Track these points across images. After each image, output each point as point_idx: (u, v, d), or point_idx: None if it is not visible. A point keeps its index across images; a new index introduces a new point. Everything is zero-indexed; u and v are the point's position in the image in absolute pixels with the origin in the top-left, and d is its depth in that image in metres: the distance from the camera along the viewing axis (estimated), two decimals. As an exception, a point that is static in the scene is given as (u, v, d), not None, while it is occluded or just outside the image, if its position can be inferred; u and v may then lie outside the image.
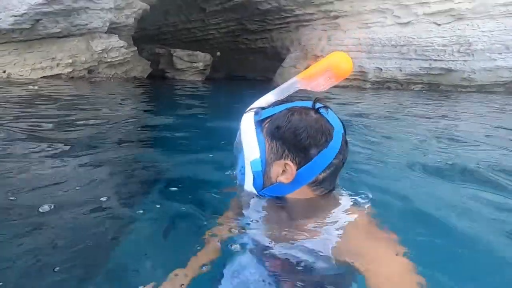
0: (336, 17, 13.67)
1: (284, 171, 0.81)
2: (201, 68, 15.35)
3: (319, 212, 0.83)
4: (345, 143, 0.82)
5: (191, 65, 15.14)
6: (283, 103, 0.87)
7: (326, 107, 0.83)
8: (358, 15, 12.77)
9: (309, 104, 0.83)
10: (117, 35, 11.32)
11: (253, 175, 0.85)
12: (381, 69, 11.98)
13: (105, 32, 10.75)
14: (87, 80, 10.27)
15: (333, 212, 0.82)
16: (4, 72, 8.72)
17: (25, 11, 8.37)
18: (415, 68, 11.09)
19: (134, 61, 12.53)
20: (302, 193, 0.83)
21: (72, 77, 9.86)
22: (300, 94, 0.94)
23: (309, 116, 0.80)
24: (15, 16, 8.30)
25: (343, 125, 0.84)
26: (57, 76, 9.53)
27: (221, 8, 16.97)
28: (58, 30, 9.33)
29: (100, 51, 10.53)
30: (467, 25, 9.80)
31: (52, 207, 1.16)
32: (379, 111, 5.34)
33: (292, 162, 0.80)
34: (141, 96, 6.99)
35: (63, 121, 3.20)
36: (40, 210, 1.14)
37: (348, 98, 7.62)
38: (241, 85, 13.94)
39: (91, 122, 3.23)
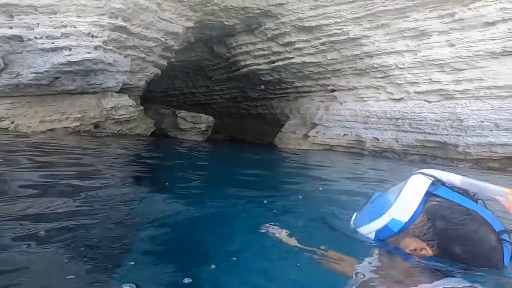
0: (333, 90, 14.80)
1: (416, 250, 0.78)
2: (203, 129, 15.80)
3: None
4: None
5: (194, 125, 15.62)
6: (466, 197, 0.81)
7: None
8: (353, 89, 13.87)
9: (496, 225, 0.75)
10: (127, 95, 11.88)
11: (383, 229, 0.84)
12: (378, 139, 12.49)
13: (117, 92, 11.30)
14: (92, 134, 10.37)
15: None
16: (12, 123, 8.80)
17: (46, 69, 8.86)
18: (411, 140, 11.60)
19: (140, 119, 12.91)
20: None
21: (78, 131, 9.97)
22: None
23: (489, 238, 0.72)
24: (36, 73, 8.76)
25: None
26: (64, 129, 9.63)
27: (226, 76, 18.38)
28: (74, 87, 9.78)
29: (110, 108, 10.89)
30: (457, 104, 10.63)
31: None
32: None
33: (432, 251, 0.77)
34: (146, 151, 6.99)
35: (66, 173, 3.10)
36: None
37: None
38: (240, 147, 14.21)
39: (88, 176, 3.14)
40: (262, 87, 17.07)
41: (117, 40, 9.78)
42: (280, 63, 14.85)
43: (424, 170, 0.87)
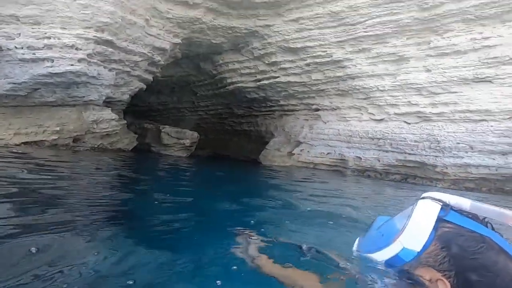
0: (317, 110, 15.13)
1: (430, 280, 0.73)
2: (187, 144, 15.59)
3: None
4: None
5: (177, 141, 15.39)
6: (477, 222, 0.77)
7: None
8: (336, 109, 14.24)
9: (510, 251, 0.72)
10: (110, 109, 11.61)
11: (394, 259, 0.79)
12: (361, 158, 12.75)
13: (99, 105, 11.02)
14: (70, 148, 9.97)
15: None
16: (-16, 134, 8.33)
17: (25, 80, 8.55)
18: (392, 159, 11.92)
19: (122, 134, 12.58)
20: None
21: (56, 145, 9.55)
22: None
23: (508, 267, 0.68)
24: (14, 83, 8.43)
25: None
26: (40, 142, 9.20)
27: (211, 93, 18.44)
28: (54, 99, 9.46)
29: (91, 122, 10.57)
30: (434, 126, 11.12)
31: None
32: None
33: (449, 282, 0.71)
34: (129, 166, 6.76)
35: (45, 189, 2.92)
36: None
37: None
38: (225, 164, 14.08)
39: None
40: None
41: (102, 53, 9.66)
42: (265, 81, 15.10)
43: (431, 194, 0.83)
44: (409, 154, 11.48)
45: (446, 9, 10.54)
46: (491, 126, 10.19)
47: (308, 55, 13.42)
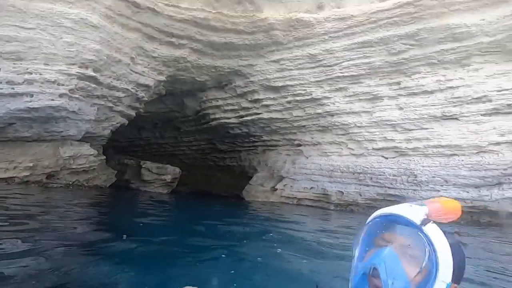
0: (299, 145, 15.45)
1: None
2: (168, 180, 15.24)
3: None
4: None
5: (158, 177, 15.03)
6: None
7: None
8: (317, 144, 14.61)
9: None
10: (89, 144, 11.35)
11: None
12: (343, 193, 12.86)
13: (78, 140, 10.77)
14: (43, 185, 9.47)
15: None
16: None
17: (0, 115, 8.32)
18: (373, 193, 12.11)
19: (100, 170, 12.19)
20: None
21: (27, 181, 9.06)
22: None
23: (460, 247, 0.80)
24: (-12, 118, 8.17)
25: None
26: (10, 179, 8.71)
27: (195, 129, 18.53)
28: (29, 134, 9.18)
29: (67, 158, 10.23)
30: (410, 160, 11.57)
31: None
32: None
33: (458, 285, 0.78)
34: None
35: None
36: None
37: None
38: (208, 202, 13.73)
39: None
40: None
41: (84, 89, 9.67)
42: (248, 118, 15.46)
43: (420, 214, 0.80)
44: (389, 188, 11.72)
45: (411, 54, 11.57)
46: (462, 160, 10.73)
47: (289, 93, 14.03)
